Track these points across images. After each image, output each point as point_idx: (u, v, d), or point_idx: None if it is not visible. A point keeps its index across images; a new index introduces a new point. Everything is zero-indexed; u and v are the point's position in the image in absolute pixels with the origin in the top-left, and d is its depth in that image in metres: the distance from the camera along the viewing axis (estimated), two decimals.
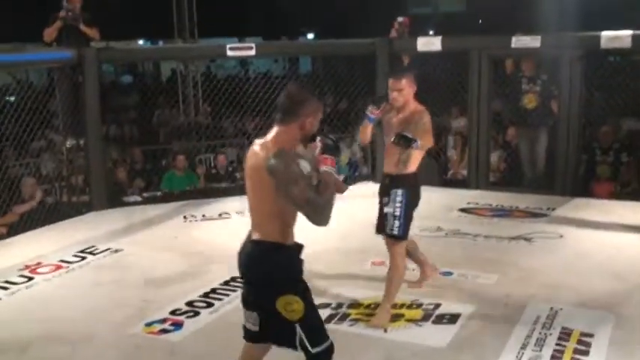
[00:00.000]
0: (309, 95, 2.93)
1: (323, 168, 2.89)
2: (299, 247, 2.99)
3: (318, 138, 2.96)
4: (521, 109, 7.53)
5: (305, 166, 2.85)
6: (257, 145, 2.93)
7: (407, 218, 4.23)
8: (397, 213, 4.19)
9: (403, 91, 4.19)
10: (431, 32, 13.78)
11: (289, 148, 2.87)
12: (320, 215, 2.82)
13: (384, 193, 4.29)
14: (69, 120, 7.11)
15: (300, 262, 2.98)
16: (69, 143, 7.21)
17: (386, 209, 4.25)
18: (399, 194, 4.20)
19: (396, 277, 4.25)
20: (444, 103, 8.18)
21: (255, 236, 2.94)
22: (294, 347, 2.96)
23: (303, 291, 2.95)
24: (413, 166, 4.27)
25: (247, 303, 3.04)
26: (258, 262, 2.93)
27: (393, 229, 4.20)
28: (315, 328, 2.98)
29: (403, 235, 4.23)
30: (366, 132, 4.39)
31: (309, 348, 2.93)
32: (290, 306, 2.89)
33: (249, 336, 3.10)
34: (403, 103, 4.22)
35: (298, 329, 2.91)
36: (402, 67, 7.70)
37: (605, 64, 8.20)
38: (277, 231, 2.90)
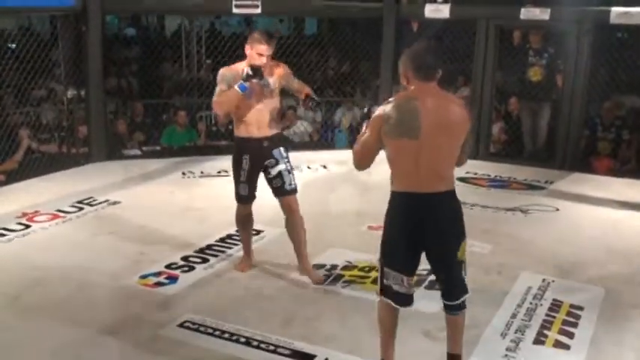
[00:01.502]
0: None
1: None
2: None
3: None
4: (526, 82, 7.49)
5: None
6: (443, 100, 2.99)
7: None
8: (290, 167, 4.31)
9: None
10: None
11: None
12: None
13: (266, 157, 4.25)
14: (71, 70, 7.06)
15: None
16: (70, 93, 7.17)
17: (278, 168, 4.26)
18: (282, 151, 4.29)
19: (303, 227, 4.36)
20: (449, 71, 8.11)
21: (442, 188, 2.99)
22: (465, 291, 3.08)
23: None
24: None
25: (414, 264, 3.09)
26: (456, 210, 3.06)
27: (291, 183, 4.30)
28: None
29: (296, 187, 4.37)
30: (231, 103, 4.10)
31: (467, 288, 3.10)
32: (465, 249, 3.06)
33: (405, 299, 3.11)
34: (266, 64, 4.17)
35: (463, 271, 3.08)
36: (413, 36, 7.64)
37: (613, 40, 8.12)
38: (454, 178, 3.06)
